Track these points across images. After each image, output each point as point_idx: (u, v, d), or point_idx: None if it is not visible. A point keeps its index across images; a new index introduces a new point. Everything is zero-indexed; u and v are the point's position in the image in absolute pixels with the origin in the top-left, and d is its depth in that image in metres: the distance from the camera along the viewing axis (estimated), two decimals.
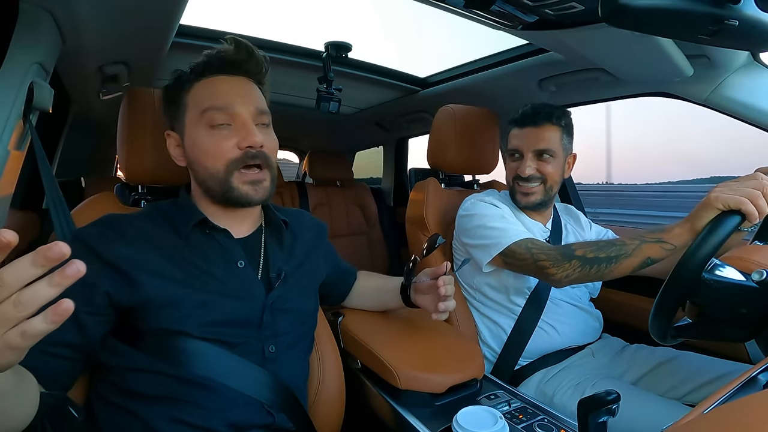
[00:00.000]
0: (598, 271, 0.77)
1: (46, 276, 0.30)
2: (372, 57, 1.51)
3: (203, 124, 0.62)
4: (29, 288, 0.30)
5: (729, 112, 0.98)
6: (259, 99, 0.67)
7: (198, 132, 0.63)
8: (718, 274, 0.60)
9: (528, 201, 1.04)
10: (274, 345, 0.65)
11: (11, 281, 0.30)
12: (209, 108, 0.62)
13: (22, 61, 0.63)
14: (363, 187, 2.30)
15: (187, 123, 0.65)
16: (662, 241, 0.73)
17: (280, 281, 0.68)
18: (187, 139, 0.65)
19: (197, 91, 0.65)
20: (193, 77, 0.66)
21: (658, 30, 0.66)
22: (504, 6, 0.78)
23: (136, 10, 0.79)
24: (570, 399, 0.86)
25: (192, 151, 0.65)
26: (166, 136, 0.69)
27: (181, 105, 0.66)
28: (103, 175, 2.36)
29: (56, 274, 0.30)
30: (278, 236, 0.73)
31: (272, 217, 0.73)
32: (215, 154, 0.62)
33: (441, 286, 0.73)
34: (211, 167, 0.62)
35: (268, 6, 32.92)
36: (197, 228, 0.65)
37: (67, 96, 1.26)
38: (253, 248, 0.70)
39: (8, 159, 0.61)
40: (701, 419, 0.37)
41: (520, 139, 1.04)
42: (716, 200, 0.65)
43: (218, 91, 0.63)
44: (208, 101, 0.63)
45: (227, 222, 0.67)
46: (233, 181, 0.62)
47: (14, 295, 0.30)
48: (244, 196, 0.63)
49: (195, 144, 0.64)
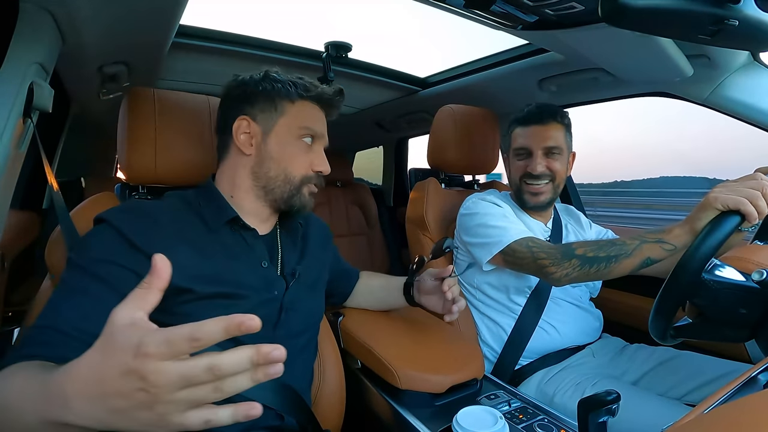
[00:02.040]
0: (598, 271, 0.77)
1: (251, 370, 0.31)
2: (372, 57, 1.50)
3: (296, 135, 0.69)
4: (234, 378, 0.30)
5: (729, 112, 0.98)
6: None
7: (291, 139, 0.69)
8: (718, 275, 0.60)
9: (537, 201, 1.03)
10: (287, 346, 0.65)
11: (227, 370, 0.30)
12: (309, 127, 0.70)
13: (22, 61, 0.63)
14: (363, 187, 2.30)
15: (278, 124, 0.69)
16: (662, 241, 0.73)
17: (294, 280, 0.70)
18: (275, 137, 0.69)
19: (301, 107, 0.70)
20: (303, 94, 0.70)
21: (658, 30, 0.66)
22: (504, 6, 0.78)
23: (136, 10, 0.79)
24: (570, 399, 0.86)
25: (275, 150, 0.68)
26: (240, 119, 0.68)
27: (280, 107, 0.69)
28: (103, 175, 2.36)
29: (261, 372, 0.31)
30: (292, 237, 0.75)
31: (289, 218, 0.75)
32: (298, 165, 0.69)
33: (446, 290, 0.74)
34: (290, 173, 0.69)
35: (268, 6, 32.90)
36: (226, 224, 0.66)
37: (67, 96, 1.26)
38: (273, 247, 0.72)
39: (8, 159, 0.61)
40: (701, 419, 0.37)
41: (527, 138, 1.03)
42: (715, 201, 0.65)
43: (319, 118, 0.72)
44: (309, 122, 0.70)
45: (255, 220, 0.69)
46: (303, 189, 0.70)
47: (218, 381, 0.30)
48: (304, 204, 0.70)
49: (284, 146, 0.68)
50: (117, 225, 0.57)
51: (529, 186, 1.03)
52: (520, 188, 1.05)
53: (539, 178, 1.01)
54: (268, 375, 0.31)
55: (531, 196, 1.03)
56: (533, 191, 1.03)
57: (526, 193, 1.04)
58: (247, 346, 0.30)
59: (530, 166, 1.01)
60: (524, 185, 1.04)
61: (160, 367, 0.29)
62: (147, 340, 0.29)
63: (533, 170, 1.00)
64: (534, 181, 1.02)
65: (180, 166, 0.80)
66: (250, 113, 0.69)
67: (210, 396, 0.30)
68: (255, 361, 0.30)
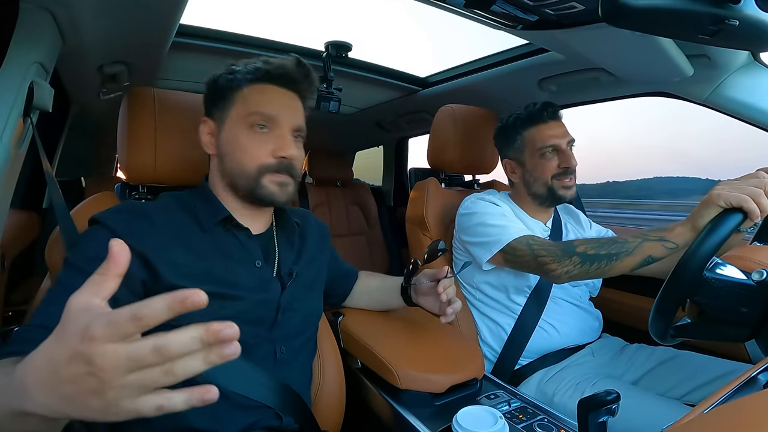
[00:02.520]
0: (599, 268, 0.77)
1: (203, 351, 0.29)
2: (372, 57, 1.50)
3: (246, 124, 0.65)
4: (184, 360, 0.29)
5: (729, 112, 0.98)
6: (301, 115, 0.70)
7: (240, 129, 0.65)
8: (720, 273, 0.60)
9: (573, 194, 1.02)
10: (285, 347, 0.66)
11: (176, 351, 0.28)
12: (257, 112, 0.65)
13: (22, 60, 0.63)
14: (363, 187, 2.30)
15: (230, 117, 0.66)
16: (664, 239, 0.73)
17: (292, 281, 0.69)
18: (227, 132, 0.67)
19: (250, 92, 0.66)
20: (250, 78, 0.67)
21: (658, 30, 0.66)
22: (504, 6, 0.78)
23: (136, 10, 0.79)
24: (570, 399, 0.86)
25: (228, 144, 0.66)
26: (201, 122, 0.70)
27: (229, 99, 0.67)
28: (103, 175, 2.36)
29: (214, 354, 0.29)
30: (289, 236, 0.74)
31: (285, 217, 0.74)
32: (252, 155, 0.64)
33: (441, 291, 0.73)
34: (245, 165, 0.65)
35: (268, 6, 32.84)
36: (220, 224, 0.66)
37: (67, 96, 1.26)
38: (267, 247, 0.71)
39: (8, 159, 0.61)
40: (701, 419, 0.37)
41: (551, 135, 1.01)
42: (718, 198, 0.65)
43: (270, 99, 0.66)
44: (258, 106, 0.65)
45: (245, 219, 0.69)
46: (264, 180, 0.65)
47: (168, 364, 0.29)
48: (270, 195, 0.65)
49: (234, 139, 0.65)
50: (111, 225, 0.57)
51: (562, 181, 1.01)
52: (552, 186, 1.01)
53: (570, 172, 1.00)
54: (222, 356, 0.29)
55: (566, 190, 1.01)
56: (568, 185, 1.01)
57: (560, 189, 1.01)
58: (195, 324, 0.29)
59: (565, 161, 1.00)
60: (556, 182, 1.01)
61: (107, 350, 0.28)
62: (94, 322, 0.28)
63: (569, 164, 0.99)
64: (566, 175, 1.00)
65: (180, 165, 0.80)
66: (209, 113, 0.69)
67: (161, 380, 0.29)
68: (205, 339, 0.28)
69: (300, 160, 0.69)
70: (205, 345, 0.29)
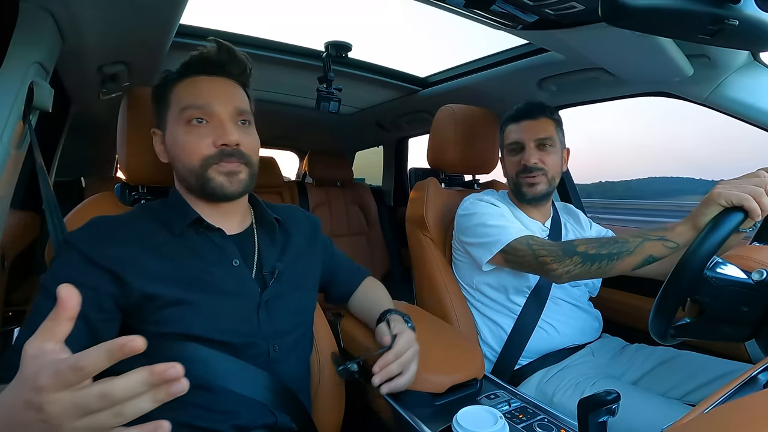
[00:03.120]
0: (599, 268, 0.77)
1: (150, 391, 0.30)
2: (372, 57, 1.51)
3: (182, 122, 0.63)
4: (133, 402, 0.30)
5: (729, 112, 0.98)
6: (239, 99, 0.67)
7: (177, 129, 0.64)
8: (720, 272, 0.60)
9: (535, 192, 1.03)
10: (277, 344, 0.65)
11: (121, 396, 0.29)
12: (188, 106, 0.63)
13: (22, 61, 0.63)
14: (363, 187, 2.30)
15: (168, 120, 0.66)
16: (665, 239, 0.73)
17: (274, 279, 0.68)
18: (168, 136, 0.66)
19: (179, 90, 0.65)
20: (176, 77, 0.67)
21: (658, 30, 0.66)
22: (504, 6, 0.78)
23: (136, 10, 0.79)
24: (570, 399, 0.86)
25: (172, 147, 0.66)
26: (152, 134, 0.70)
27: (165, 103, 0.67)
28: (103, 175, 2.36)
29: (162, 392, 0.30)
30: (270, 234, 0.73)
31: (264, 214, 0.73)
32: (191, 151, 0.63)
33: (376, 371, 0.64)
34: (188, 163, 0.63)
35: (268, 6, 32.15)
36: (191, 227, 0.65)
37: (67, 96, 1.26)
38: (247, 246, 0.69)
39: (8, 159, 0.61)
40: (701, 419, 0.37)
41: (519, 132, 1.04)
42: (719, 196, 0.65)
43: (198, 91, 0.64)
44: (188, 100, 0.64)
45: (217, 219, 0.67)
46: (209, 172, 0.63)
47: (117, 407, 0.30)
48: (219, 187, 0.63)
49: (174, 141, 0.65)
50: (76, 244, 0.58)
51: (525, 178, 1.03)
52: (517, 183, 1.05)
53: (533, 171, 1.02)
54: (170, 394, 0.30)
55: (528, 187, 1.03)
56: (530, 182, 1.03)
57: (523, 185, 1.04)
58: (139, 368, 0.30)
59: (524, 158, 1.02)
60: (520, 179, 1.04)
61: (55, 398, 0.29)
62: (42, 372, 0.30)
63: (527, 162, 1.01)
64: (529, 173, 1.02)
65: None
66: (156, 122, 0.70)
67: (111, 421, 0.30)
68: (151, 382, 0.30)
69: (249, 145, 0.66)
70: (151, 386, 0.30)
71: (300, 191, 2.10)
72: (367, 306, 0.86)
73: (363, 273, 0.94)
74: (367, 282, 0.93)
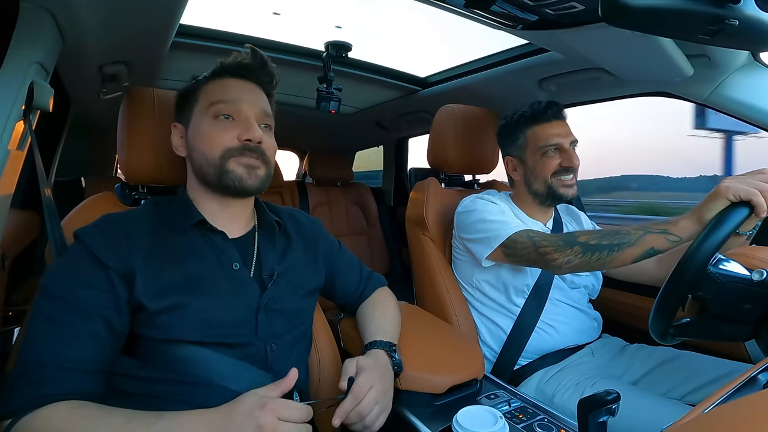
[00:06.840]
0: (600, 259, 0.77)
1: None
2: (372, 57, 1.51)
3: (209, 116, 0.66)
4: None
5: (729, 112, 0.98)
6: (265, 103, 0.71)
7: (203, 121, 0.66)
8: (723, 268, 0.60)
9: (574, 192, 1.02)
10: (275, 345, 0.65)
11: None
12: (217, 101, 0.66)
13: (22, 61, 0.63)
14: (363, 187, 2.30)
15: (194, 114, 0.68)
16: (667, 232, 0.73)
17: (273, 282, 0.68)
18: (192, 128, 0.68)
19: (209, 87, 0.68)
20: (209, 76, 0.70)
21: (658, 30, 0.66)
22: (504, 6, 0.78)
23: (136, 10, 0.79)
24: (570, 399, 0.86)
25: (194, 138, 0.67)
26: (172, 128, 0.71)
27: (192, 100, 0.69)
28: (103, 175, 2.36)
29: None
30: (271, 237, 0.73)
31: (265, 218, 0.74)
32: (214, 142, 0.65)
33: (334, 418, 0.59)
34: (209, 153, 0.65)
35: (268, 6, 33.17)
36: (195, 228, 0.65)
37: (67, 96, 1.26)
38: (247, 249, 0.70)
39: (8, 159, 0.60)
40: (701, 419, 0.37)
41: (554, 134, 1.01)
42: (727, 191, 0.65)
43: (228, 89, 0.68)
44: (217, 96, 0.67)
45: (223, 221, 0.68)
46: (229, 164, 0.64)
47: None
48: (238, 179, 0.65)
49: (198, 131, 0.67)
50: (87, 242, 0.58)
51: (563, 180, 1.01)
52: (551, 185, 1.01)
53: (571, 171, 1.01)
54: None
55: (567, 188, 1.01)
56: (568, 184, 1.01)
57: (560, 187, 1.01)
58: None
59: (566, 159, 1.00)
60: (556, 180, 1.01)
61: None
62: None
63: (571, 163, 0.99)
64: (567, 174, 1.01)
65: (179, 165, 0.79)
66: (177, 118, 0.71)
67: None
68: None
69: (270, 146, 0.69)
70: None
71: (300, 191, 2.10)
72: (362, 328, 0.81)
73: (375, 283, 0.89)
74: (377, 295, 0.88)
